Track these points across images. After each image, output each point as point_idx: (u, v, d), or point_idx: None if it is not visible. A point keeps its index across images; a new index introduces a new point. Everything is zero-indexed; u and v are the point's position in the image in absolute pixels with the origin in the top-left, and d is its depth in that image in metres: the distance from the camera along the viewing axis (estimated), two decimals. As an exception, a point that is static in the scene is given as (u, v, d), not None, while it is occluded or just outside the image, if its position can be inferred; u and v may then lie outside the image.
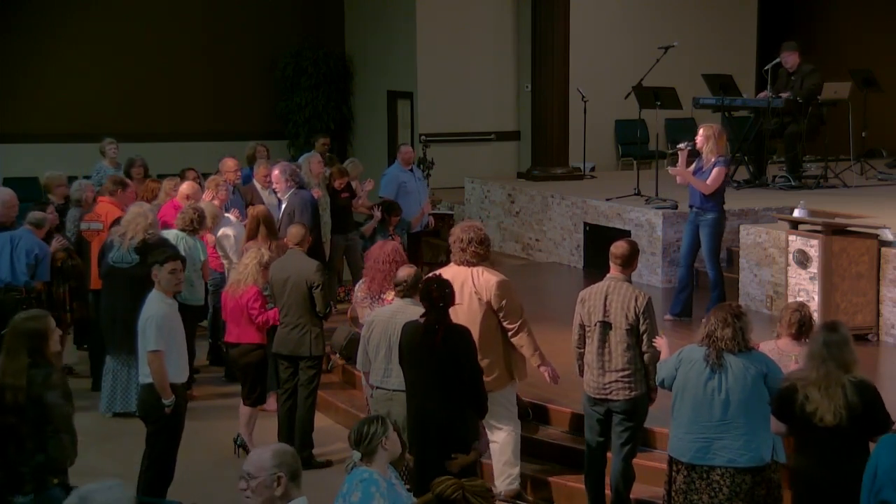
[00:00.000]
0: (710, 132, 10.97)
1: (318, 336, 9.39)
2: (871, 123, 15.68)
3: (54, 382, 6.61)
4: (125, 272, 10.40)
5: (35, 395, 6.50)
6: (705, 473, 6.70)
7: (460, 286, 7.87)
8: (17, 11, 18.42)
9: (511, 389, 8.27)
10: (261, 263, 9.59)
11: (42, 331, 6.75)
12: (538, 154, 16.33)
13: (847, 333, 6.44)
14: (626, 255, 7.80)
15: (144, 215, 10.50)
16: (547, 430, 9.06)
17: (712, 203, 11.03)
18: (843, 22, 19.52)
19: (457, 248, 8.10)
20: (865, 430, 6.21)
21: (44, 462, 6.35)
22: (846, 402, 6.16)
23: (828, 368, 6.24)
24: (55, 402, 6.53)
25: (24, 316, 6.93)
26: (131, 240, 10.39)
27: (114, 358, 10.59)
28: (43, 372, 6.58)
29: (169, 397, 8.08)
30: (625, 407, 7.73)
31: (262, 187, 13.04)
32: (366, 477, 5.63)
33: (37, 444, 6.46)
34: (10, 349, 6.68)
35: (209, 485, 9.04)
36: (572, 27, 16.15)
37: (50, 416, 6.50)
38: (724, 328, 6.66)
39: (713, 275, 11.20)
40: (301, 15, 20.05)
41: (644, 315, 7.62)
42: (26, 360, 6.61)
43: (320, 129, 18.76)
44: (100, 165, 14.44)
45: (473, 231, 8.11)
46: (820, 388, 6.21)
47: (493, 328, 8.05)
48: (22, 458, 6.42)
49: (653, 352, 7.63)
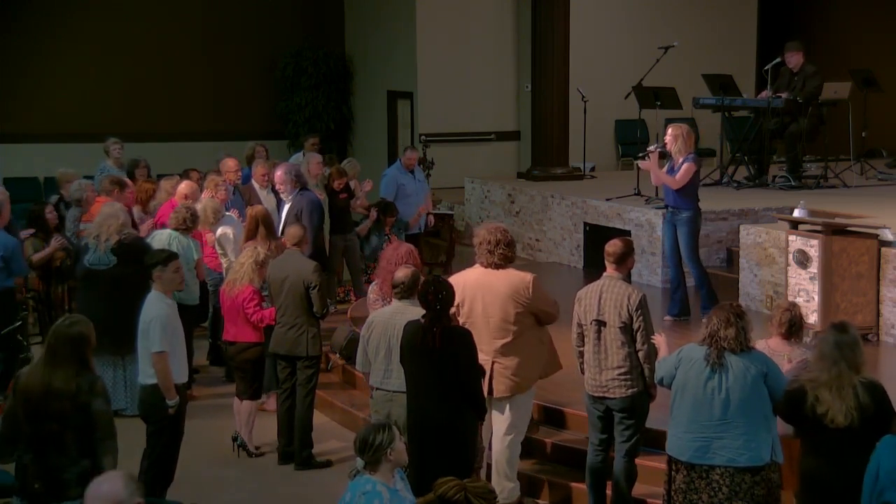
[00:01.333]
0: (679, 132, 11.00)
1: (314, 336, 9.39)
2: (871, 123, 15.67)
3: (100, 389, 6.58)
4: (104, 274, 10.37)
5: (82, 403, 6.47)
6: (705, 473, 6.70)
7: (490, 288, 7.86)
8: (17, 11, 18.42)
9: (529, 396, 8.24)
10: (257, 262, 9.59)
11: (87, 336, 6.69)
12: (538, 154, 16.32)
13: (857, 334, 6.44)
14: (619, 253, 7.82)
15: (115, 216, 10.46)
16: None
17: (686, 201, 11.06)
18: (843, 22, 19.52)
19: (483, 251, 8.00)
20: (876, 430, 6.16)
21: (89, 468, 6.33)
22: (857, 402, 6.15)
23: (840, 369, 6.22)
24: (102, 409, 6.52)
25: (69, 321, 6.81)
26: (106, 241, 10.37)
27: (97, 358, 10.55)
28: (89, 379, 6.55)
29: (173, 398, 8.08)
30: (623, 405, 7.74)
31: (260, 187, 13.02)
32: (369, 490, 5.58)
33: (81, 450, 6.44)
34: (57, 355, 6.59)
35: (209, 485, 9.04)
36: (572, 27, 16.15)
37: (97, 423, 6.49)
38: (728, 328, 6.66)
39: (696, 273, 11.25)
40: (301, 15, 20.04)
41: (637, 312, 7.63)
42: (75, 366, 6.55)
43: (320, 129, 18.77)
44: (104, 165, 14.39)
45: (500, 233, 8.03)
46: (831, 389, 6.19)
47: (525, 328, 7.99)
48: (65, 464, 6.42)
49: (647, 349, 7.64)
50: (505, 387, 7.93)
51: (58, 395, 6.46)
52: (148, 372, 8.16)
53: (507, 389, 7.94)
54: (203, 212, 11.40)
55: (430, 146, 16.41)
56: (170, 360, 8.07)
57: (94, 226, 10.50)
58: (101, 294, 10.37)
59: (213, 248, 11.53)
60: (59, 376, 6.50)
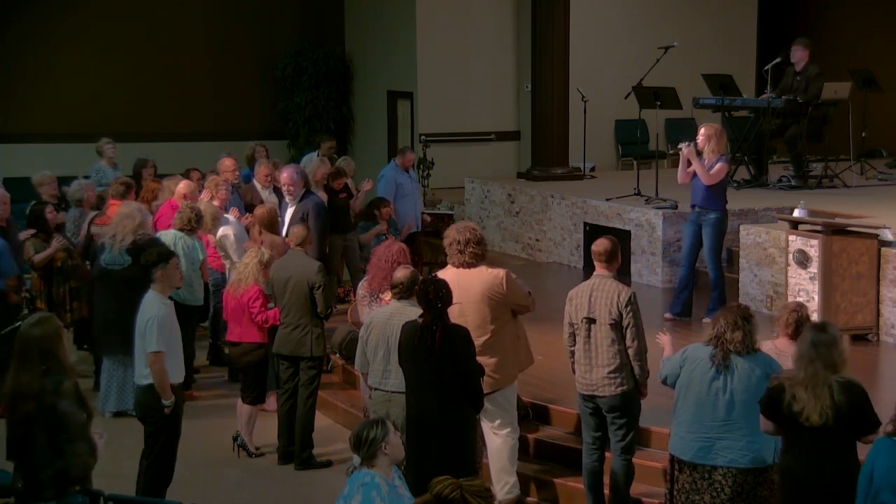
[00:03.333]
0: (712, 132, 11.01)
1: (318, 336, 9.39)
2: (871, 123, 15.67)
3: (66, 390, 6.48)
4: (118, 274, 10.39)
5: (48, 404, 6.43)
6: (707, 473, 6.71)
7: (465, 288, 7.84)
8: (17, 12, 18.42)
9: (513, 390, 8.26)
10: (261, 262, 9.60)
11: (51, 335, 6.63)
12: (538, 154, 16.32)
13: (836, 333, 6.38)
14: (607, 251, 7.84)
15: (132, 216, 10.48)
16: (548, 430, 9.05)
17: (716, 202, 11.04)
18: (843, 22, 19.52)
19: (454, 251, 8.01)
20: (852, 430, 6.16)
21: (63, 469, 6.30)
22: (833, 402, 6.14)
23: (815, 368, 6.21)
24: (68, 411, 6.43)
25: (34, 320, 6.73)
26: (121, 242, 10.38)
27: (109, 359, 10.58)
28: (54, 380, 6.46)
29: (169, 398, 8.07)
30: (613, 403, 7.72)
31: (262, 187, 13.03)
32: (367, 481, 5.61)
33: (53, 452, 6.40)
34: (23, 355, 6.52)
35: (209, 485, 9.04)
36: (572, 27, 16.15)
37: (64, 424, 6.43)
38: (735, 331, 6.67)
39: (714, 275, 11.19)
40: (301, 15, 20.04)
41: (627, 309, 7.62)
42: (40, 367, 6.47)
43: (320, 129, 18.77)
44: (98, 166, 14.39)
45: (469, 231, 8.05)
46: (807, 387, 6.18)
47: (505, 324, 8.01)
48: (40, 465, 6.38)
49: (637, 346, 7.62)
50: (486, 385, 7.89)
51: (24, 397, 6.39)
52: (144, 373, 8.15)
53: (488, 387, 7.90)
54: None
55: (430, 146, 16.41)
56: (166, 361, 8.06)
57: (112, 225, 10.53)
58: (114, 294, 10.38)
59: (213, 249, 11.52)
60: (25, 377, 6.43)
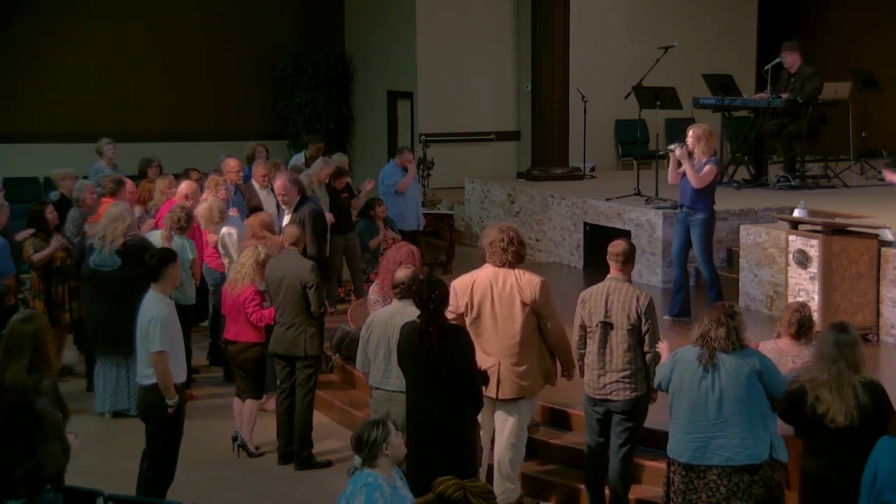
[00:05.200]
0: (701, 132, 11.01)
1: (313, 336, 9.38)
2: (871, 123, 15.67)
3: (45, 389, 6.48)
4: (109, 275, 10.39)
5: (26, 401, 6.42)
6: (702, 473, 6.71)
7: (501, 287, 7.85)
8: (18, 12, 18.41)
9: (535, 402, 8.24)
10: (258, 262, 9.60)
11: (39, 332, 6.65)
12: (538, 154, 16.32)
13: (856, 334, 6.43)
14: (625, 252, 7.81)
15: (122, 218, 10.47)
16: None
17: (703, 203, 11.05)
18: (843, 22, 19.52)
19: (497, 249, 7.95)
20: (876, 430, 6.14)
21: (35, 468, 6.28)
22: (857, 402, 6.15)
23: (839, 369, 6.22)
24: (45, 409, 6.41)
25: (23, 316, 6.81)
26: (111, 243, 10.37)
27: (102, 359, 10.57)
28: (35, 378, 6.48)
29: (173, 397, 8.07)
30: (625, 407, 7.72)
31: (260, 187, 13.04)
32: (370, 482, 5.61)
33: (27, 449, 6.39)
34: (11, 351, 6.57)
35: (209, 485, 9.04)
36: (572, 27, 16.14)
37: (40, 422, 6.41)
38: (718, 328, 6.67)
39: (708, 274, 11.24)
40: (301, 15, 20.04)
41: (646, 315, 7.63)
42: (27, 362, 6.52)
43: (320, 129, 18.77)
44: (97, 166, 14.37)
45: (513, 232, 8.02)
46: (831, 388, 6.18)
47: (532, 331, 7.95)
48: (13, 462, 6.36)
49: (654, 352, 7.62)
50: (511, 390, 7.89)
51: (6, 391, 6.41)
52: (146, 373, 8.15)
53: (514, 392, 7.90)
54: (209, 211, 11.42)
55: (430, 146, 16.41)
56: (169, 360, 8.06)
57: (100, 227, 10.51)
58: (105, 295, 10.38)
59: (213, 248, 11.52)
60: (10, 372, 6.47)
